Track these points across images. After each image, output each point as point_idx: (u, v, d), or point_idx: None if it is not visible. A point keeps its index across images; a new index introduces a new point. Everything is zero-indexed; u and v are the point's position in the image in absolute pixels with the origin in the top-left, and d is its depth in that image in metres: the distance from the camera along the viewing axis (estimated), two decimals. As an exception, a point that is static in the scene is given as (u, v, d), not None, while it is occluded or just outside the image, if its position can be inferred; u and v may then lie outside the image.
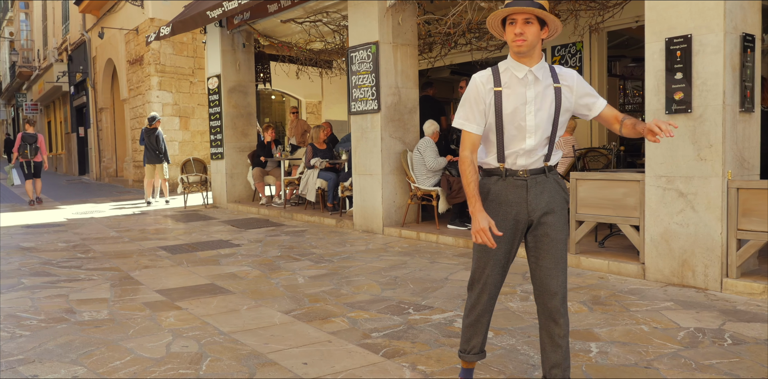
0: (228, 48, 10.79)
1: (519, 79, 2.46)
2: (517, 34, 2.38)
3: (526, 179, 2.51)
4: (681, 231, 4.70)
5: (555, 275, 2.51)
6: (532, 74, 2.45)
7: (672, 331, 3.66)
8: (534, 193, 2.52)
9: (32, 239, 7.72)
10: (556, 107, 2.47)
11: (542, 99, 2.46)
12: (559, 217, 2.54)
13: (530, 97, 2.45)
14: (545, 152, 2.52)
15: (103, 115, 18.75)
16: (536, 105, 2.45)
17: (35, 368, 3.18)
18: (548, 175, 2.54)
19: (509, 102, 2.46)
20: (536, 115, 2.46)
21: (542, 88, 2.46)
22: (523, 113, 2.46)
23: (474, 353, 2.74)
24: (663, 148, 4.77)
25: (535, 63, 2.46)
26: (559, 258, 2.52)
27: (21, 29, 31.75)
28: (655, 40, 4.78)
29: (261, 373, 3.12)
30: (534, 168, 2.52)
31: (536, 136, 2.47)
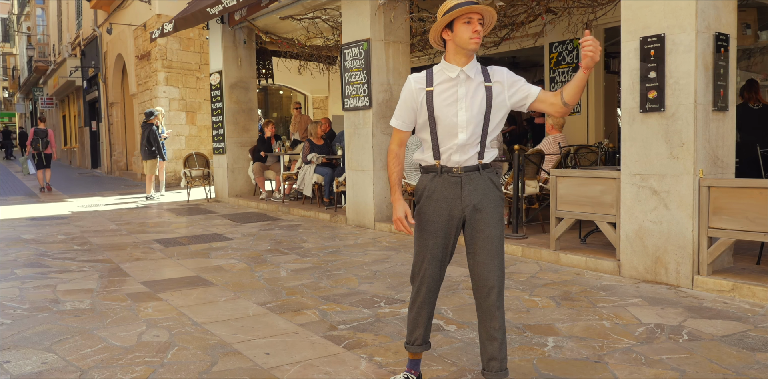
0: (229, 44, 10.92)
1: (451, 79, 2.57)
2: (477, 31, 2.51)
3: (460, 176, 2.60)
4: (654, 228, 4.76)
5: (490, 270, 2.58)
6: (464, 73, 2.57)
7: (632, 327, 3.73)
8: (468, 189, 2.61)
9: (34, 231, 7.93)
10: (486, 104, 2.57)
11: (473, 96, 2.56)
12: (492, 213, 2.62)
13: (461, 94, 2.56)
14: (478, 150, 2.60)
15: (114, 109, 19.02)
16: (467, 102, 2.56)
17: (9, 354, 3.33)
18: (482, 173, 2.62)
19: (441, 100, 2.57)
20: (467, 111, 2.56)
21: (474, 86, 2.57)
22: (455, 110, 2.57)
23: (417, 344, 2.83)
24: (638, 147, 4.82)
25: (468, 63, 2.57)
26: (494, 254, 2.59)
27: (37, 24, 32.19)
28: (631, 39, 4.82)
29: (223, 362, 3.24)
30: (468, 165, 2.61)
31: (468, 131, 2.57)
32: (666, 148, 4.65)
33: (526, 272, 5.21)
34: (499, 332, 2.61)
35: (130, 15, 16.07)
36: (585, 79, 2.50)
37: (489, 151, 2.66)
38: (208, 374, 3.08)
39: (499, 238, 2.62)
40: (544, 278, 4.99)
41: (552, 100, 2.59)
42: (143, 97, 15.64)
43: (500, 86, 2.60)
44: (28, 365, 3.17)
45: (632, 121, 4.85)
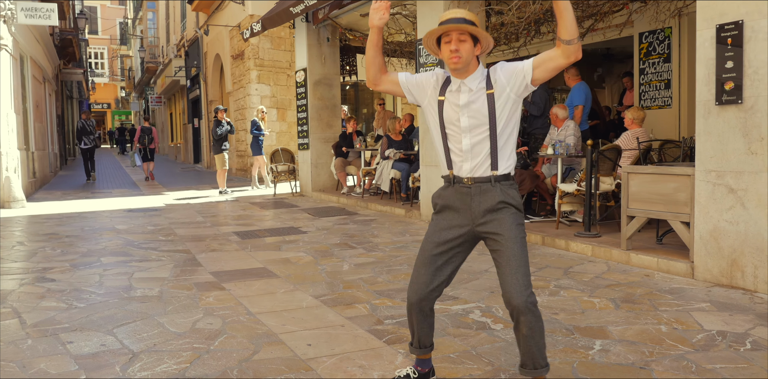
0: (314, 42, 11.17)
1: (455, 90, 2.57)
2: (453, 50, 2.48)
3: (470, 187, 2.57)
4: (730, 229, 4.45)
5: (509, 274, 2.49)
6: (465, 86, 2.55)
7: (691, 333, 3.52)
8: (477, 201, 2.56)
9: (127, 222, 8.47)
10: (489, 111, 2.52)
11: (474, 103, 2.53)
12: (506, 216, 2.54)
13: (462, 102, 2.54)
14: (489, 161, 2.55)
15: (213, 106, 19.94)
16: (469, 109, 2.53)
17: (74, 335, 3.59)
18: (494, 184, 2.55)
19: (448, 107, 2.57)
20: (468, 117, 2.53)
21: (475, 95, 2.53)
22: (457, 115, 2.55)
23: (415, 347, 2.83)
24: (713, 142, 4.52)
25: (469, 75, 2.55)
26: (511, 257, 2.50)
27: (149, 27, 34.23)
28: (706, 27, 4.52)
29: (264, 351, 3.35)
30: (479, 176, 2.56)
31: (470, 137, 2.54)
32: (743, 143, 4.33)
33: (591, 272, 5.02)
34: (528, 336, 2.53)
35: (227, 16, 16.77)
36: (563, 5, 2.32)
37: (504, 161, 2.58)
38: (248, 362, 3.19)
39: (515, 240, 2.53)
40: (609, 279, 4.79)
41: (552, 54, 2.44)
42: (238, 94, 16.30)
43: (501, 86, 2.53)
44: (88, 346, 3.41)
45: (707, 114, 4.56)
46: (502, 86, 2.53)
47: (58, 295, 4.52)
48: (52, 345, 3.42)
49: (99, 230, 7.77)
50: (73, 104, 31.95)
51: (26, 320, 3.88)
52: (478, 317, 3.91)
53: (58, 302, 4.32)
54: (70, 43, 22.26)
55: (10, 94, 10.50)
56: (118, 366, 3.11)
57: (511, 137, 2.59)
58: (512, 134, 2.59)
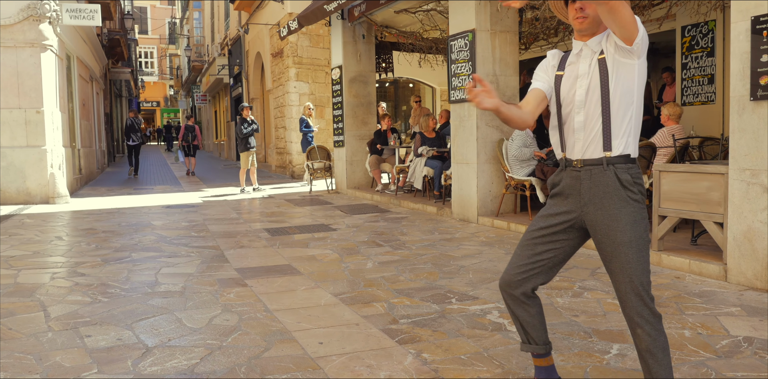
0: (349, 39, 11.18)
1: (575, 55, 2.39)
2: (578, 9, 2.29)
3: (579, 170, 2.35)
4: (765, 230, 4.26)
5: (621, 281, 2.29)
6: (587, 47, 2.35)
7: (715, 338, 3.38)
8: (587, 186, 2.33)
9: (163, 218, 8.65)
10: (602, 80, 2.28)
11: (593, 72, 2.31)
12: (616, 215, 2.29)
13: (582, 71, 2.35)
14: (601, 139, 2.30)
15: (255, 104, 20.18)
16: (588, 78, 2.32)
17: (93, 329, 3.67)
18: (607, 168, 2.29)
19: (567, 83, 2.40)
20: (587, 88, 2.32)
21: (593, 60, 2.32)
22: (575, 88, 2.36)
23: (525, 342, 2.60)
24: (747, 139, 4.33)
25: (591, 37, 2.34)
26: (624, 262, 2.27)
27: (195, 27, 34.88)
28: (741, 19, 4.33)
29: (276, 349, 3.36)
30: (590, 158, 2.32)
31: (585, 112, 2.33)
32: (780, 140, 4.13)
33: (619, 274, 4.87)
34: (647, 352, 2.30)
35: (267, 15, 16.94)
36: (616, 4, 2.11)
37: (620, 140, 2.30)
38: (258, 359, 3.20)
39: (628, 244, 2.27)
40: (637, 281, 4.64)
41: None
42: (277, 92, 16.46)
43: (610, 53, 2.27)
44: (104, 340, 3.48)
45: (742, 110, 4.37)
46: (611, 51, 2.29)
47: (85, 289, 4.63)
48: (70, 338, 3.50)
49: (135, 225, 7.94)
50: (122, 102, 32.81)
51: (50, 314, 3.98)
52: (496, 317, 3.84)
53: (83, 296, 4.43)
54: (118, 43, 22.88)
55: (55, 94, 10.83)
56: (130, 361, 3.16)
57: (630, 111, 2.31)
58: (631, 108, 2.30)
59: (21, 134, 10.21)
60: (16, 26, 10.14)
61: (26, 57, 10.20)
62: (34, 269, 5.33)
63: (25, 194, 10.26)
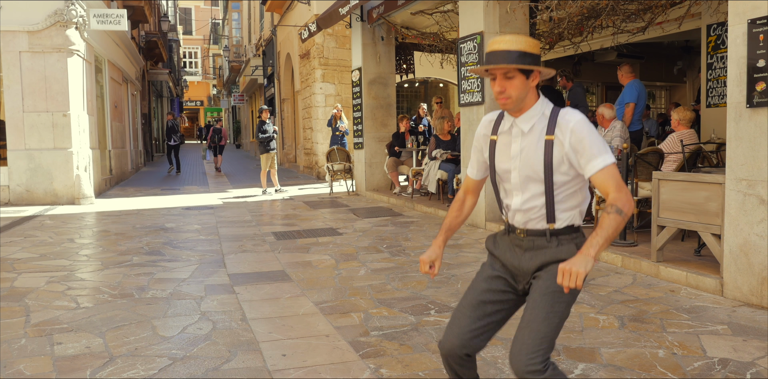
0: (369, 41, 11.15)
1: (507, 131, 2.21)
2: (497, 92, 2.11)
3: (522, 240, 2.21)
4: (761, 244, 4.06)
5: (521, 328, 2.10)
6: (516, 126, 2.17)
7: (689, 359, 3.23)
8: (528, 256, 2.20)
9: (177, 220, 8.77)
10: (545, 163, 2.10)
11: (528, 153, 2.13)
12: (553, 268, 2.14)
13: (515, 152, 2.17)
14: (543, 213, 2.16)
15: (285, 105, 20.36)
16: (521, 160, 2.15)
17: (66, 336, 3.73)
18: (550, 240, 2.16)
19: (500, 153, 2.23)
20: (521, 171, 2.16)
21: (532, 141, 2.14)
22: (509, 167, 2.19)
23: None
24: (744, 148, 4.13)
25: (524, 112, 2.15)
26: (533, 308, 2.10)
27: (233, 27, 35.39)
28: (738, 22, 4.13)
29: (237, 360, 3.35)
30: (533, 229, 2.19)
31: (523, 195, 2.18)
32: (776, 150, 3.93)
33: (612, 285, 4.73)
34: None
35: (296, 17, 17.04)
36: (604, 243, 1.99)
37: (564, 213, 2.17)
38: (215, 371, 3.20)
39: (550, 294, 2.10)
40: (628, 294, 4.49)
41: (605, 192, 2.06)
42: (305, 93, 16.55)
43: (560, 144, 2.09)
44: (73, 348, 3.53)
45: (739, 117, 4.17)
46: (562, 145, 2.09)
47: (74, 294, 4.72)
48: (41, 346, 3.57)
49: (148, 227, 8.08)
50: (163, 102, 33.51)
51: (31, 320, 4.07)
52: (469, 331, 3.75)
53: (70, 301, 4.51)
54: (155, 45, 23.36)
55: (81, 97, 11.11)
56: (89, 370, 3.20)
57: (576, 187, 2.17)
58: (573, 183, 2.16)
59: (48, 137, 10.51)
60: (44, 32, 10.43)
61: (53, 62, 10.49)
62: (35, 272, 5.46)
63: (52, 195, 10.56)
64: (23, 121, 10.44)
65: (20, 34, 10.36)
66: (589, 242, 1.99)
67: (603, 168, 2.04)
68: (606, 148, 2.07)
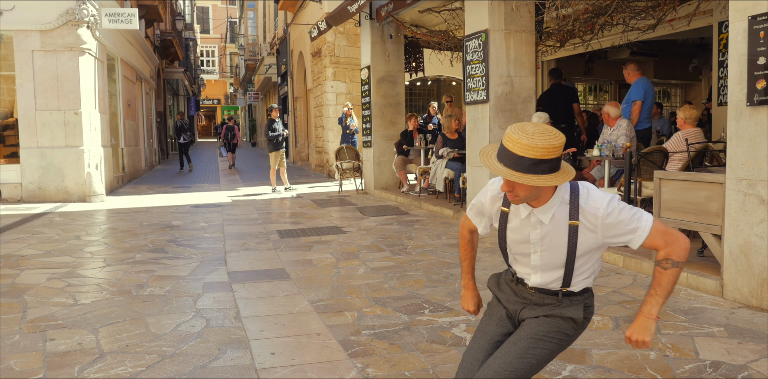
0: (377, 39, 11.13)
1: (522, 218, 2.08)
2: (507, 191, 1.98)
3: (532, 295, 2.15)
4: (761, 245, 3.99)
5: (495, 356, 2.05)
6: (535, 217, 2.04)
7: (681, 362, 3.18)
8: (533, 307, 2.15)
9: (185, 218, 8.82)
10: (569, 248, 2.02)
11: (551, 239, 2.04)
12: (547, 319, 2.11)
13: (534, 239, 2.07)
14: (560, 283, 2.10)
15: (298, 103, 20.40)
16: (543, 246, 2.06)
17: (60, 333, 3.76)
18: (561, 300, 2.11)
19: (513, 228, 2.11)
20: (542, 255, 2.07)
21: (552, 227, 2.03)
22: (527, 250, 2.10)
23: None
24: (744, 147, 4.06)
25: (543, 204, 2.01)
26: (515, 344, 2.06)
27: (249, 26, 35.54)
28: (739, 18, 4.06)
29: (225, 358, 3.36)
30: (547, 289, 2.13)
31: (543, 276, 2.11)
32: (776, 149, 3.86)
33: (612, 286, 4.67)
34: None
35: (308, 15, 17.06)
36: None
37: (581, 281, 2.10)
38: (202, 368, 3.21)
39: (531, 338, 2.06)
40: (626, 295, 4.44)
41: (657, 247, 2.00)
42: (316, 91, 16.57)
43: (589, 228, 1.99)
44: (65, 344, 3.56)
45: (739, 116, 4.10)
46: (592, 229, 2.00)
47: (72, 291, 4.76)
48: (34, 342, 3.60)
49: (155, 225, 8.13)
50: (179, 101, 33.75)
51: (28, 316, 4.11)
52: (460, 331, 3.73)
53: (68, 298, 4.55)
54: (171, 44, 23.53)
55: (93, 95, 11.22)
56: (78, 366, 3.23)
57: (594, 260, 2.11)
58: (593, 258, 2.10)
59: (60, 135, 10.62)
60: (56, 31, 10.54)
61: (65, 60, 10.59)
62: (37, 269, 5.52)
63: (63, 193, 10.68)
64: (35, 119, 10.56)
65: (33, 34, 10.48)
66: (649, 302, 1.99)
67: (648, 235, 1.96)
68: (637, 212, 1.99)
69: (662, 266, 1.96)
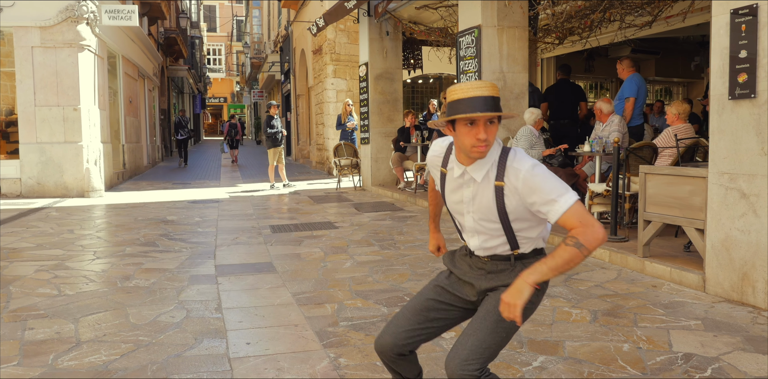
0: (375, 36, 11.14)
1: (456, 177, 2.14)
2: (481, 139, 1.97)
3: (486, 263, 2.19)
4: (742, 239, 3.98)
5: (462, 336, 2.08)
6: (468, 174, 2.09)
7: (653, 354, 3.18)
8: (490, 277, 2.18)
9: (180, 213, 8.86)
10: (498, 210, 2.06)
11: (481, 199, 2.08)
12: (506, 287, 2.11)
13: (467, 198, 2.12)
14: (507, 247, 2.14)
15: (300, 101, 20.44)
16: (474, 206, 2.10)
17: (40, 322, 3.79)
18: (515, 263, 2.15)
19: (451, 191, 2.17)
20: (474, 216, 2.12)
21: (482, 188, 2.07)
22: (462, 212, 2.16)
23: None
24: (726, 141, 4.05)
25: (473, 162, 2.07)
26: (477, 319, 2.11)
27: (254, 24, 35.60)
28: (721, 12, 4.05)
29: (200, 348, 3.38)
30: (497, 254, 2.16)
31: (479, 238, 2.15)
32: (757, 142, 3.85)
33: (595, 280, 4.66)
34: None
35: (310, 13, 17.08)
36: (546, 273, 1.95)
37: (528, 241, 2.14)
38: (176, 357, 3.23)
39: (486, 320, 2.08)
40: (608, 289, 4.43)
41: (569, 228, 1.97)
42: (317, 89, 16.60)
43: (512, 190, 2.02)
44: (43, 333, 3.59)
45: (722, 110, 4.09)
46: (515, 191, 2.02)
47: (58, 282, 4.80)
48: (13, 331, 3.63)
49: (150, 220, 8.17)
50: (184, 98, 33.84)
51: (10, 306, 4.14)
52: (437, 323, 3.73)
53: (52, 289, 4.58)
54: (175, 42, 23.60)
55: (93, 91, 11.28)
56: (53, 354, 3.25)
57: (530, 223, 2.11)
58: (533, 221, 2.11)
59: (59, 131, 10.68)
60: (56, 28, 10.60)
61: (64, 57, 10.65)
62: (27, 261, 5.56)
63: (62, 188, 10.74)
64: (35, 115, 10.62)
65: (32, 30, 10.55)
66: (533, 267, 1.96)
67: (566, 211, 1.95)
68: (563, 186, 1.99)
69: (565, 242, 1.93)
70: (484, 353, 2.03)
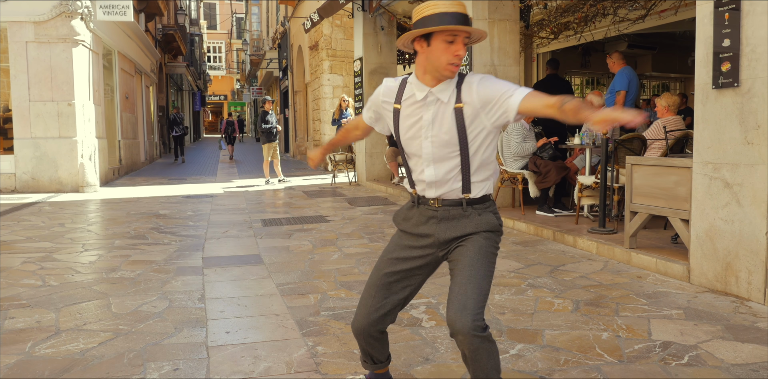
0: (370, 31, 11.11)
1: (418, 100, 2.13)
2: (460, 56, 2.03)
3: (437, 210, 2.19)
4: (726, 228, 3.97)
5: (463, 283, 2.07)
6: (432, 95, 2.11)
7: (631, 342, 3.17)
8: (444, 226, 2.18)
9: (173, 208, 8.86)
10: (458, 131, 2.08)
11: (441, 122, 2.10)
12: (475, 237, 2.16)
13: (426, 121, 2.12)
14: (459, 185, 2.15)
15: (298, 97, 20.42)
16: (434, 129, 2.11)
17: (21, 312, 3.79)
18: (466, 209, 2.16)
19: (406, 125, 2.16)
20: (433, 141, 2.11)
21: (443, 109, 2.10)
22: (420, 139, 2.14)
23: (370, 363, 2.48)
24: (710, 130, 4.04)
25: (440, 83, 2.10)
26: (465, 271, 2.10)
27: (253, 21, 35.56)
28: (705, 1, 4.03)
29: (179, 336, 3.37)
30: (448, 199, 2.17)
31: (436, 167, 2.14)
32: (740, 131, 3.83)
33: (580, 271, 4.65)
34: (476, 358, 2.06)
35: (306, 9, 17.05)
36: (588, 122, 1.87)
37: (479, 183, 2.17)
38: (154, 345, 3.23)
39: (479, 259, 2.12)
40: (593, 280, 4.42)
41: (543, 111, 1.98)
42: (314, 85, 16.58)
43: (471, 108, 2.07)
44: (23, 322, 3.58)
45: (705, 99, 4.07)
46: (474, 108, 2.08)
47: (43, 273, 4.79)
48: (-7, 320, 3.63)
49: (142, 214, 8.17)
50: (184, 96, 33.83)
51: (-7, 296, 4.14)
52: (419, 312, 3.73)
53: (37, 280, 4.58)
54: (173, 38, 23.59)
55: (87, 87, 11.27)
56: (31, 342, 3.25)
57: (487, 156, 2.17)
58: (488, 153, 2.17)
59: (54, 126, 10.68)
60: (50, 23, 10.59)
61: (59, 52, 10.65)
62: (14, 253, 5.56)
63: (57, 183, 10.74)
64: (29, 110, 10.62)
65: (27, 25, 10.54)
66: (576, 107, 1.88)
67: (525, 95, 2.00)
68: (515, 84, 2.08)
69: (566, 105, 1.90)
70: (484, 300, 2.07)
